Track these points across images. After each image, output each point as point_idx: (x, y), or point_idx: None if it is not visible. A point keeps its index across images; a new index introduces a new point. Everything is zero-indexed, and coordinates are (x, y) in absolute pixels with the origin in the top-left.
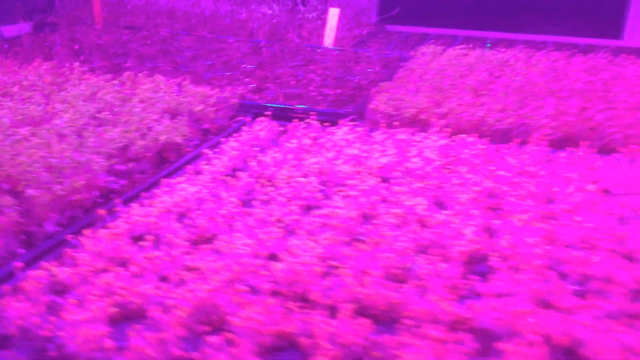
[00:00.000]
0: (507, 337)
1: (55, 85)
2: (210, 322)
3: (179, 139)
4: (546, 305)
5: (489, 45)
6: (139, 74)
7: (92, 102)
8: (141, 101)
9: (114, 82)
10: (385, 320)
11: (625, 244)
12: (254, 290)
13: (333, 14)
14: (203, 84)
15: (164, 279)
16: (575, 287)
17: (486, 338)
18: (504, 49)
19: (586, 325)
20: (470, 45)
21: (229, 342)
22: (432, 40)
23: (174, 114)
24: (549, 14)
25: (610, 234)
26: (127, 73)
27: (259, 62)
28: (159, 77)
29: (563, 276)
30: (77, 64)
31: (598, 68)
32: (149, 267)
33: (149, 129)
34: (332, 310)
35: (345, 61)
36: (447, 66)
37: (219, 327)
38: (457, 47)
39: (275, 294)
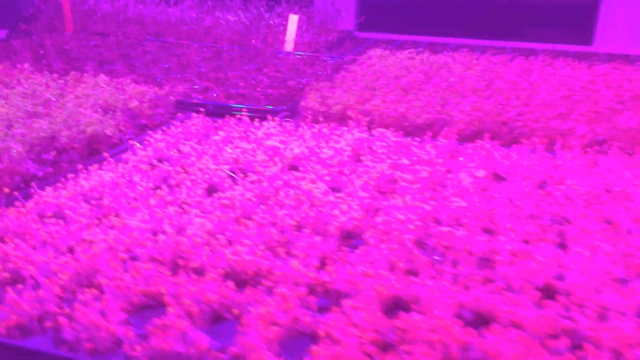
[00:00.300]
0: (350, 295)
1: (1, 84)
2: (89, 285)
3: (108, 132)
4: (397, 270)
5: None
6: (85, 74)
7: (32, 98)
8: (76, 97)
9: (60, 81)
10: (252, 283)
11: (492, 221)
12: (134, 258)
13: (292, 20)
14: (149, 84)
15: (59, 250)
16: (434, 257)
17: (335, 297)
18: (448, 52)
19: (425, 285)
20: (419, 50)
21: (100, 300)
22: (382, 45)
23: (107, 110)
24: (522, 22)
25: (480, 213)
26: (72, 72)
27: (216, 66)
28: (102, 77)
29: (426, 248)
30: (26, 64)
31: (531, 70)
32: (47, 240)
33: (76, 121)
34: (202, 275)
35: (300, 65)
36: (386, 68)
37: (97, 288)
38: (405, 51)
39: (153, 260)
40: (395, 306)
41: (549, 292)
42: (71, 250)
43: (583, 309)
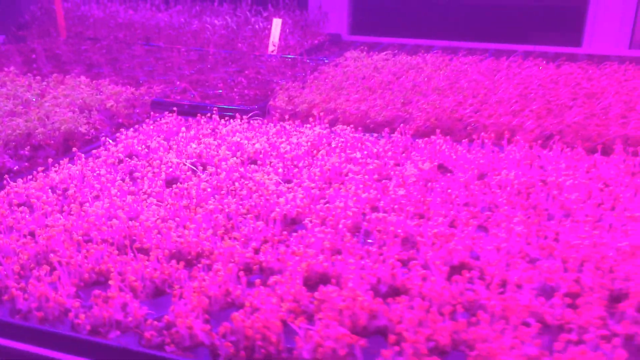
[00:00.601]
0: (280, 272)
1: None
2: (45, 264)
3: (83, 130)
4: (332, 251)
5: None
6: (67, 76)
7: (13, 98)
8: (54, 97)
9: (43, 83)
10: (193, 262)
11: (427, 208)
12: (88, 240)
13: (276, 23)
14: (128, 85)
15: (22, 234)
16: (366, 240)
17: (267, 274)
18: (423, 54)
19: (348, 263)
20: (395, 52)
21: (53, 276)
22: (366, 48)
23: (84, 109)
24: (513, 24)
25: (417, 201)
26: (54, 75)
27: (199, 68)
28: (82, 79)
29: (360, 231)
30: (12, 68)
31: (498, 70)
32: (13, 225)
33: (51, 119)
34: (148, 255)
35: (280, 67)
36: (357, 69)
37: (50, 266)
38: (382, 53)
39: (105, 242)
40: (318, 281)
41: (463, 269)
42: (32, 234)
43: (488, 283)
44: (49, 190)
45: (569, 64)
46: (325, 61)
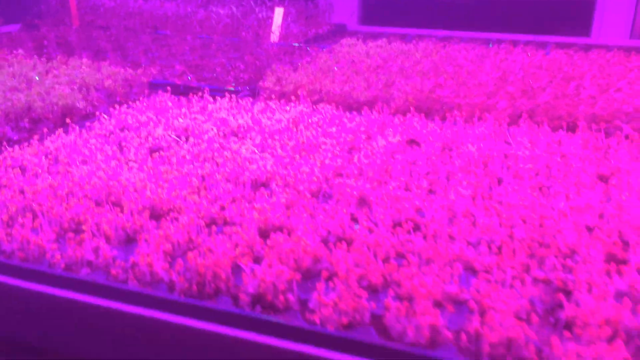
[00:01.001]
0: (238, 224)
1: None
2: (32, 216)
3: (80, 105)
4: (290, 207)
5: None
6: (70, 58)
7: (18, 77)
8: (55, 76)
9: (47, 64)
10: (161, 215)
11: (389, 175)
12: (71, 194)
13: (278, 12)
14: (128, 68)
15: (13, 190)
16: (325, 201)
17: (230, 226)
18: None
19: (302, 218)
20: (390, 39)
21: (35, 223)
22: (358, 35)
23: (82, 87)
24: (522, 15)
25: (380, 169)
26: (59, 57)
27: (201, 55)
28: (84, 60)
29: (321, 193)
30: (20, 50)
31: (486, 57)
32: (6, 184)
33: (50, 95)
34: (122, 209)
35: (280, 54)
36: (349, 54)
37: (34, 216)
38: (377, 40)
39: (85, 197)
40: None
41: (411, 225)
42: (22, 191)
43: (425, 236)
44: (43, 157)
45: (557, 50)
46: (324, 49)
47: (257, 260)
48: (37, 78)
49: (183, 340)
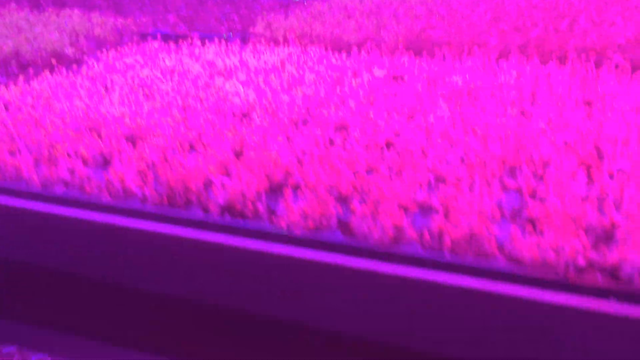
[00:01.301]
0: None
1: None
2: (11, 142)
3: (68, 52)
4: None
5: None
6: (62, 10)
7: (9, 26)
8: (45, 25)
9: (39, 15)
10: (139, 139)
11: (371, 104)
12: (52, 124)
13: None
14: (119, 18)
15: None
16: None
17: (204, 148)
18: None
19: (279, 141)
20: None
21: (12, 147)
22: None
23: (72, 35)
24: None
25: (362, 100)
26: (49, 9)
27: (196, 9)
28: (76, 12)
29: (300, 120)
30: (13, 4)
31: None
32: None
33: (38, 41)
34: (100, 135)
35: (276, 7)
36: (341, 2)
37: (13, 141)
38: None
39: (65, 126)
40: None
41: (387, 145)
42: (5, 125)
43: (399, 152)
44: (29, 97)
45: None
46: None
47: (229, 175)
48: (26, 26)
49: (150, 247)
